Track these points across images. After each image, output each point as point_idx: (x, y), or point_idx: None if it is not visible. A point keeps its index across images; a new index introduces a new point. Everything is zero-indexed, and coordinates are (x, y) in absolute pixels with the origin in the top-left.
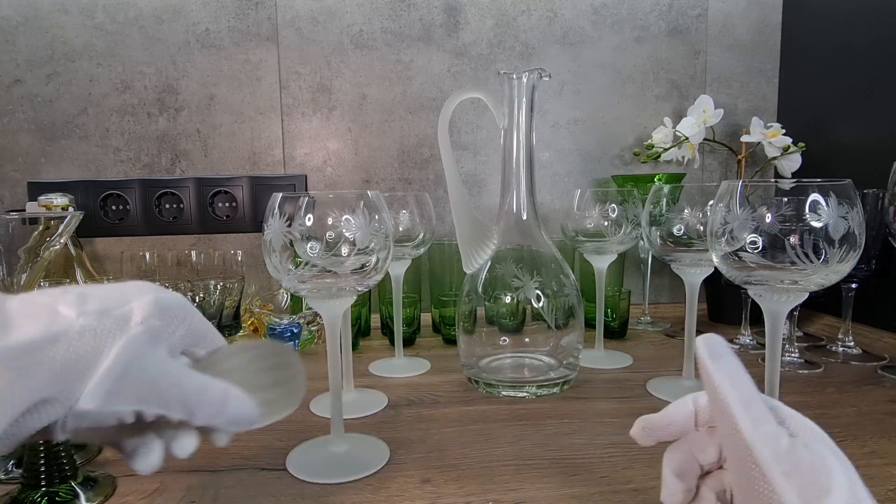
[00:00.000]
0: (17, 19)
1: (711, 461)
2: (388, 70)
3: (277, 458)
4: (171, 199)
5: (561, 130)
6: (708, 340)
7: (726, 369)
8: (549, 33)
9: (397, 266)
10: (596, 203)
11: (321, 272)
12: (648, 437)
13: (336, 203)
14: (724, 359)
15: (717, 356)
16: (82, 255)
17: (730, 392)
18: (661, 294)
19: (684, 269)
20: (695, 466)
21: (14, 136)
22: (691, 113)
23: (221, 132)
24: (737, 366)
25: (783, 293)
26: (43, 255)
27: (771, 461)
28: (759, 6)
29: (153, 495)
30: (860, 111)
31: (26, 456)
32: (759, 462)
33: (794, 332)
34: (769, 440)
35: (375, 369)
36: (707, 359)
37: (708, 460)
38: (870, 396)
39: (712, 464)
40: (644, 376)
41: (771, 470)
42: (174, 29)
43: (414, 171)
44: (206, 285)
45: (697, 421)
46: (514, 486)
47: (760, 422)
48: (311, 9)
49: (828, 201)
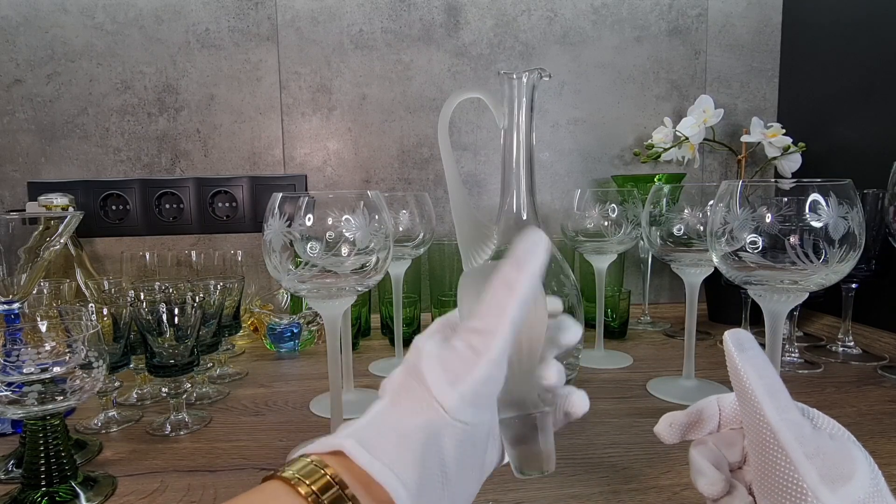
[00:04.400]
0: (17, 19)
1: (735, 460)
2: (388, 70)
3: (277, 457)
4: (171, 199)
5: (561, 130)
6: (735, 334)
7: (752, 361)
8: (549, 33)
9: (397, 266)
10: (596, 203)
11: (321, 272)
12: (674, 434)
13: (336, 203)
14: (751, 351)
15: (743, 348)
16: (82, 255)
17: (756, 382)
18: (661, 294)
19: (684, 269)
20: (724, 460)
21: (14, 136)
22: (691, 113)
23: (221, 132)
24: (763, 359)
25: (783, 293)
26: (43, 255)
27: (794, 444)
28: (759, 6)
29: (153, 495)
30: (860, 111)
31: (26, 456)
32: (782, 444)
33: (794, 332)
34: (793, 426)
35: (375, 369)
36: (734, 350)
37: (732, 458)
38: (869, 396)
39: (734, 463)
40: (644, 376)
41: (794, 451)
42: (174, 29)
43: (414, 171)
44: (206, 285)
45: (721, 421)
46: (514, 486)
47: (785, 409)
48: (311, 9)
49: (828, 201)
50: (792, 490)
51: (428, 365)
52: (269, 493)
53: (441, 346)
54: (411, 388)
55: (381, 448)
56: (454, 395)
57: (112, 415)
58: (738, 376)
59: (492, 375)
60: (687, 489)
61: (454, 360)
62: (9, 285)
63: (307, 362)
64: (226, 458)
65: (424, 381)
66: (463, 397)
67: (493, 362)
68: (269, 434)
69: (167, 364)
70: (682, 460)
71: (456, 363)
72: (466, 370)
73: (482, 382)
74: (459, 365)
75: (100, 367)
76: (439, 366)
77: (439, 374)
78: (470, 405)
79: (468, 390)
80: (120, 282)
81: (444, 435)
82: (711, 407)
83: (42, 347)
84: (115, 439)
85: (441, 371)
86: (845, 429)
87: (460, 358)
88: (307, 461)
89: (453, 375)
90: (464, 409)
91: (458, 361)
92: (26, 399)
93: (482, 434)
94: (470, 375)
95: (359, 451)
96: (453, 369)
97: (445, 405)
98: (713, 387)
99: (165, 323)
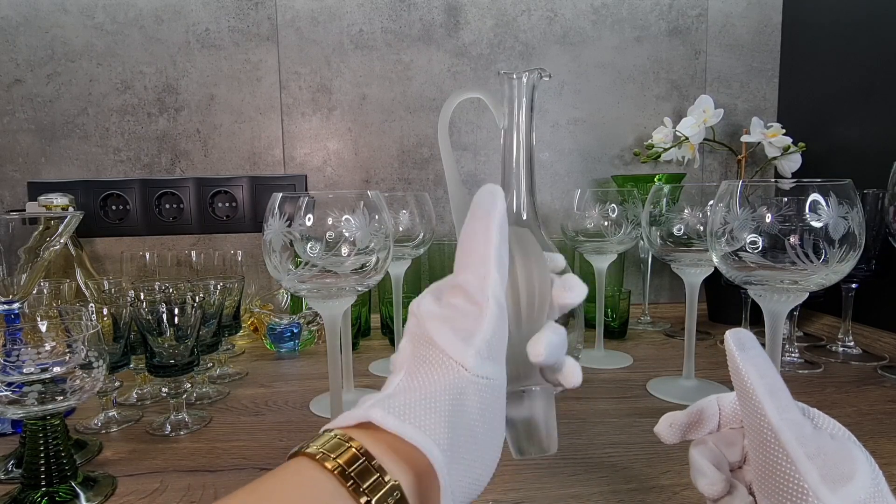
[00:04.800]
0: (17, 19)
1: (735, 460)
2: (388, 70)
3: (277, 457)
4: (171, 199)
5: (561, 130)
6: (737, 333)
7: (753, 360)
8: (549, 33)
9: (397, 266)
10: (596, 203)
11: (321, 272)
12: (674, 434)
13: (336, 203)
14: (752, 351)
15: (745, 348)
16: (82, 255)
17: (756, 381)
18: (661, 294)
19: (684, 269)
20: (724, 460)
21: (14, 136)
22: (691, 113)
23: (221, 132)
24: (764, 358)
25: (783, 293)
26: (43, 255)
27: (795, 443)
28: (759, 6)
29: (153, 495)
30: (860, 111)
31: (26, 456)
32: (783, 443)
33: (794, 332)
34: (794, 425)
35: (375, 369)
36: (735, 349)
37: (732, 458)
38: (869, 396)
39: (734, 462)
40: (644, 376)
41: (795, 451)
42: (174, 29)
43: (414, 171)
44: (206, 285)
45: (721, 421)
46: (514, 486)
47: (786, 409)
48: (311, 9)
49: (828, 201)
50: (792, 490)
51: (434, 327)
52: (294, 469)
53: (440, 306)
54: (426, 355)
55: (411, 413)
56: (471, 352)
57: (112, 415)
58: (739, 375)
59: (498, 324)
60: (687, 489)
61: (458, 317)
62: (9, 285)
63: (307, 362)
64: (226, 458)
65: (436, 345)
66: (479, 352)
67: (495, 309)
68: (269, 434)
69: (167, 364)
70: (682, 460)
71: (461, 320)
72: (475, 324)
73: (492, 333)
74: (465, 321)
75: (100, 367)
76: (446, 326)
77: (450, 335)
78: (488, 359)
79: (483, 345)
80: (120, 282)
81: (469, 393)
82: (711, 406)
83: (42, 347)
84: (115, 439)
85: (450, 331)
86: (846, 429)
87: (463, 314)
88: (331, 435)
89: (464, 332)
90: (483, 364)
91: (462, 318)
92: (26, 399)
93: (502, 389)
94: (479, 329)
95: (388, 418)
96: (462, 326)
97: (466, 364)
98: (713, 387)
99: (165, 323)
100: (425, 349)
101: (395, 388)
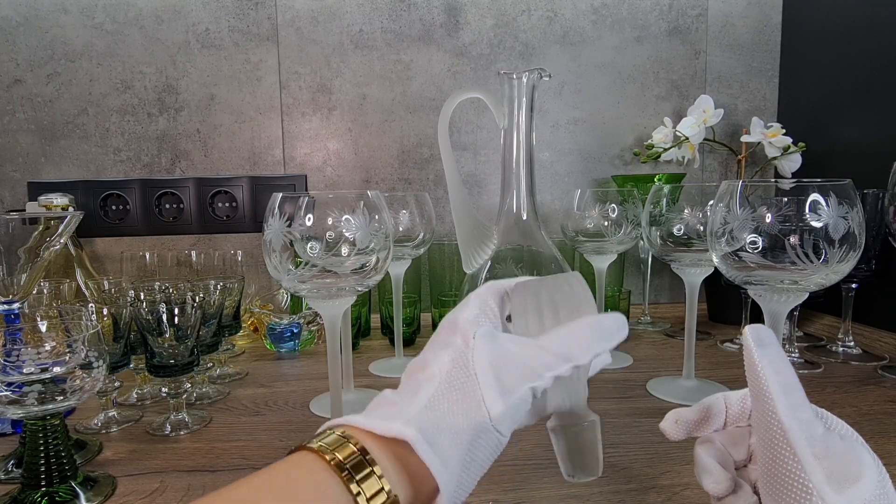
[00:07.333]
0: (17, 19)
1: (741, 458)
2: (388, 70)
3: (277, 457)
4: (171, 199)
5: (561, 130)
6: (756, 329)
7: (770, 357)
8: (549, 33)
9: (397, 266)
10: (596, 203)
11: (321, 272)
12: (679, 430)
13: (336, 203)
14: (770, 347)
15: (763, 344)
16: (82, 255)
17: (771, 377)
18: (661, 294)
19: (684, 269)
20: (730, 458)
21: (14, 136)
22: (691, 113)
23: (221, 132)
24: (781, 356)
25: (783, 293)
26: (43, 255)
27: (803, 443)
28: (759, 6)
29: (153, 495)
30: (860, 111)
31: (26, 456)
32: (791, 442)
33: (794, 332)
34: (804, 425)
35: (375, 369)
36: (753, 345)
37: (738, 457)
38: (869, 396)
39: (739, 461)
40: (644, 376)
41: (803, 451)
42: (174, 29)
43: (414, 171)
44: (206, 285)
45: (727, 419)
46: (514, 486)
47: (798, 408)
48: (311, 9)
49: (828, 201)
50: (797, 489)
51: (481, 365)
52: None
53: (492, 343)
54: (463, 382)
55: (439, 443)
56: (501, 406)
57: (112, 415)
58: (754, 371)
59: (529, 396)
60: (687, 489)
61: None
62: (9, 285)
63: (307, 362)
64: (226, 458)
65: (477, 382)
66: (507, 410)
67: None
68: (269, 434)
69: (167, 364)
70: (683, 460)
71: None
72: (517, 384)
73: (524, 400)
74: (512, 375)
75: (100, 367)
76: (492, 372)
77: (492, 381)
78: (510, 419)
79: (513, 404)
80: (120, 282)
81: (481, 438)
82: (718, 404)
83: (42, 347)
84: (114, 439)
85: (494, 378)
86: (855, 431)
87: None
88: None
89: (504, 386)
90: (504, 420)
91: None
92: (26, 399)
93: (503, 446)
94: (519, 390)
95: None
96: (506, 378)
97: (492, 413)
98: (713, 387)
99: (165, 323)
100: (465, 376)
101: (429, 403)
